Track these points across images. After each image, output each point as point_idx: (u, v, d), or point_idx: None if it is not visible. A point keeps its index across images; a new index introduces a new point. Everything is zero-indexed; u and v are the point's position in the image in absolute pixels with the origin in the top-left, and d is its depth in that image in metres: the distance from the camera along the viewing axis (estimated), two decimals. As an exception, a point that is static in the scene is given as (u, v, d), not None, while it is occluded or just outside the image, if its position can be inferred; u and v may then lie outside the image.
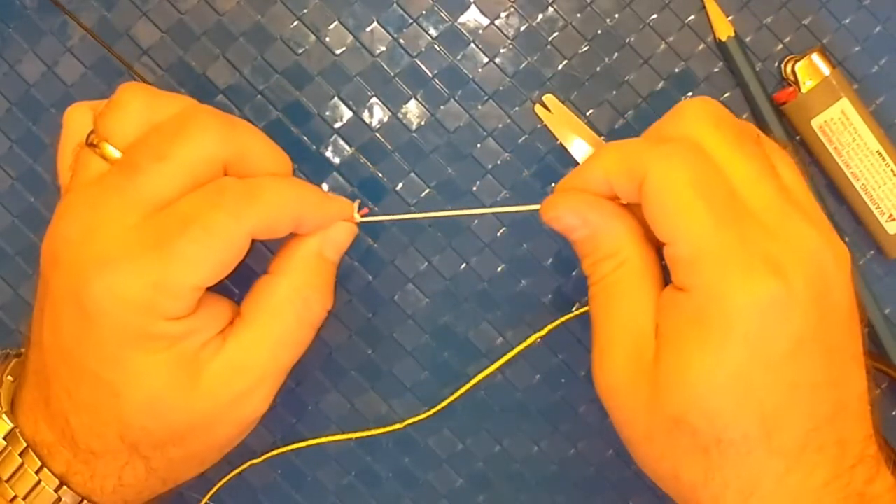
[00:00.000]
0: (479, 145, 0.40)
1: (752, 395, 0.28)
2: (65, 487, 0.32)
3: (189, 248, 0.30)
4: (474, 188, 0.40)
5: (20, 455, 0.32)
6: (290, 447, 0.40)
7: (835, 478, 0.29)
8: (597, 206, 0.32)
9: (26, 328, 0.34)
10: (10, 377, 0.34)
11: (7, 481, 0.32)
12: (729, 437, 0.29)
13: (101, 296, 0.30)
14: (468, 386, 0.40)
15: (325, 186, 0.40)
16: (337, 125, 0.41)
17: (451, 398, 0.40)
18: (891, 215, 0.39)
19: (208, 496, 0.40)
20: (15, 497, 0.32)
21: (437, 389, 0.40)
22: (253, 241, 0.31)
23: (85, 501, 0.33)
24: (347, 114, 0.40)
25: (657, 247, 0.32)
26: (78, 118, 0.34)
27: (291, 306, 0.33)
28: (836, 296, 0.30)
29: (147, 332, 0.30)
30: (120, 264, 0.30)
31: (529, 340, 0.40)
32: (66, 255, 0.31)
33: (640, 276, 0.31)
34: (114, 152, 0.32)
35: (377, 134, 0.41)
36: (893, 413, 0.40)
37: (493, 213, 0.40)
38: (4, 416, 0.32)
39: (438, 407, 0.40)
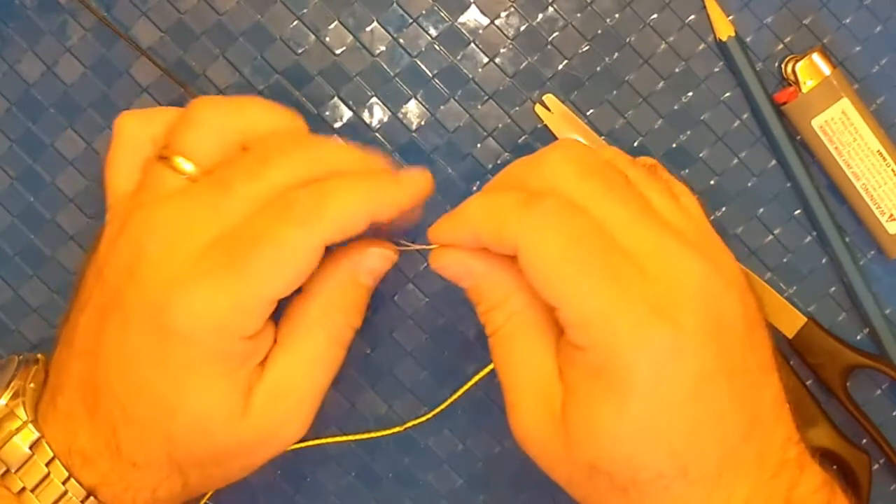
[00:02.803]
0: (479, 145, 0.40)
1: (659, 437, 0.29)
2: (92, 498, 0.32)
3: (263, 265, 0.30)
4: (474, 188, 0.40)
5: (46, 465, 0.32)
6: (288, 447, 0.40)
7: (756, 491, 0.30)
8: (480, 256, 0.32)
9: (58, 329, 0.34)
10: (31, 385, 0.34)
11: (33, 491, 0.32)
12: (643, 478, 0.29)
13: (184, 316, 0.30)
14: (468, 385, 0.40)
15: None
16: (337, 125, 0.40)
17: (452, 399, 0.40)
18: (891, 215, 0.39)
19: (207, 496, 0.40)
20: None
21: (437, 390, 0.40)
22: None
23: None
24: (347, 114, 0.40)
25: None
26: (134, 127, 0.34)
27: (321, 328, 0.33)
28: (730, 318, 0.30)
29: (225, 351, 0.30)
30: (200, 284, 0.30)
31: None
32: (145, 271, 0.31)
33: (534, 326, 0.31)
34: (186, 166, 0.32)
35: (377, 134, 0.40)
36: (894, 414, 0.40)
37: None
38: (30, 426, 0.32)
39: (439, 409, 0.40)
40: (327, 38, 0.40)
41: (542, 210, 0.29)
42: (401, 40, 0.40)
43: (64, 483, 0.32)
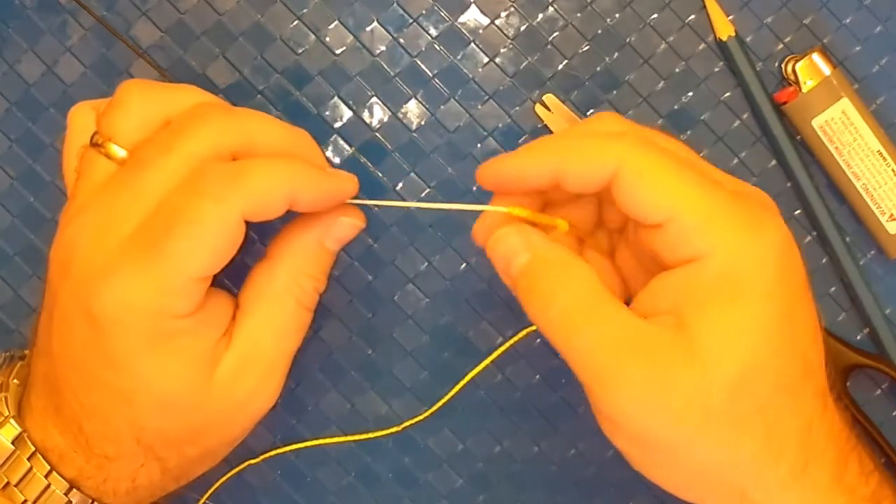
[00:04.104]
0: (479, 145, 0.40)
1: (794, 334, 0.29)
2: (74, 490, 0.32)
3: (180, 245, 0.29)
4: (474, 188, 0.40)
5: (28, 459, 0.32)
6: (288, 447, 0.40)
7: (846, 424, 0.30)
8: (537, 231, 0.31)
9: (29, 330, 0.34)
10: (15, 381, 0.34)
11: (16, 485, 0.32)
12: (784, 384, 0.28)
13: (110, 306, 0.30)
14: (466, 380, 0.40)
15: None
16: (337, 125, 0.40)
17: (448, 396, 0.40)
18: (891, 215, 0.39)
19: (206, 496, 0.40)
20: (25, 501, 0.32)
21: (437, 389, 0.40)
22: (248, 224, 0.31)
23: (95, 503, 0.33)
24: (347, 114, 0.40)
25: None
26: (82, 118, 0.34)
27: (290, 293, 0.33)
28: None
29: (159, 333, 0.30)
30: (122, 271, 0.30)
31: (522, 334, 0.40)
32: (76, 264, 0.31)
33: (602, 288, 0.30)
34: (119, 151, 0.32)
35: (377, 134, 0.40)
36: (893, 414, 0.40)
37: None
38: (12, 421, 0.32)
39: (436, 407, 0.40)
40: (327, 38, 0.40)
41: (634, 136, 0.30)
42: (401, 40, 0.40)
43: (46, 476, 0.32)
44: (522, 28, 0.40)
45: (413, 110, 0.40)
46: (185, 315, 0.31)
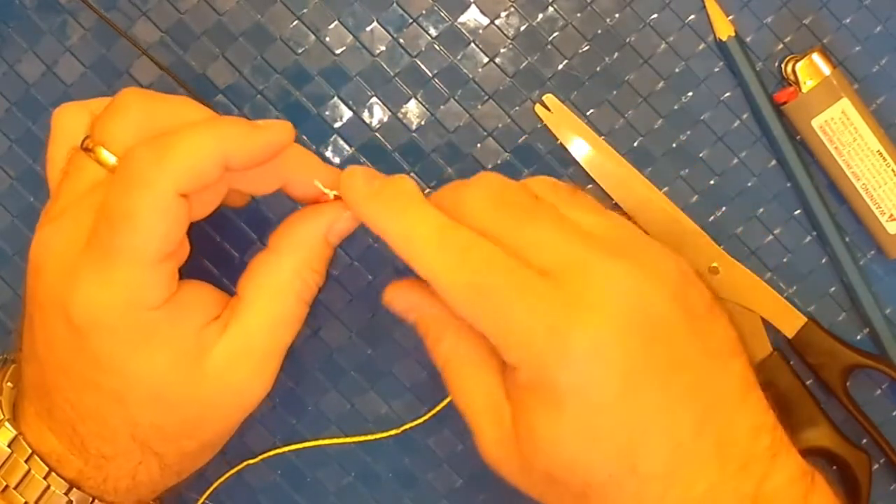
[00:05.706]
0: (479, 145, 0.40)
1: (599, 438, 0.29)
2: (74, 490, 0.32)
3: (125, 241, 0.29)
4: (474, 188, 0.40)
5: (26, 462, 0.32)
6: (288, 447, 0.40)
7: (717, 486, 0.30)
8: (421, 291, 0.33)
9: (17, 335, 0.34)
10: (9, 384, 0.34)
11: (15, 488, 0.32)
12: (596, 481, 0.30)
13: (85, 309, 0.30)
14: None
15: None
16: (337, 125, 0.41)
17: (447, 400, 0.40)
18: (891, 215, 0.39)
19: (206, 496, 0.40)
20: (26, 503, 0.32)
21: (436, 390, 0.40)
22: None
23: (96, 501, 0.33)
24: (347, 114, 0.40)
25: None
26: (69, 119, 0.34)
27: (292, 287, 0.33)
28: (661, 312, 0.30)
29: (138, 327, 0.30)
30: (86, 273, 0.30)
31: None
32: (49, 269, 0.31)
33: (477, 355, 0.33)
34: (109, 157, 0.32)
35: (377, 134, 0.40)
36: (893, 414, 0.40)
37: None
38: (7, 424, 0.32)
39: (436, 410, 0.40)
40: (327, 38, 0.40)
41: (450, 244, 0.31)
42: (401, 40, 0.40)
43: (45, 478, 0.32)
44: (522, 28, 0.40)
45: (413, 110, 0.40)
46: (158, 305, 0.30)
